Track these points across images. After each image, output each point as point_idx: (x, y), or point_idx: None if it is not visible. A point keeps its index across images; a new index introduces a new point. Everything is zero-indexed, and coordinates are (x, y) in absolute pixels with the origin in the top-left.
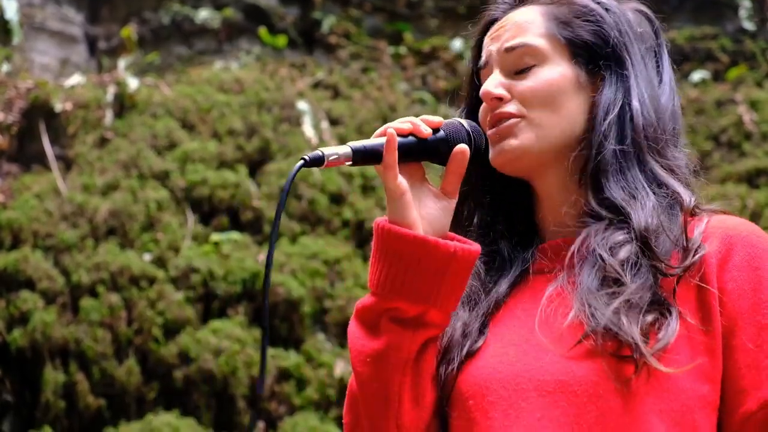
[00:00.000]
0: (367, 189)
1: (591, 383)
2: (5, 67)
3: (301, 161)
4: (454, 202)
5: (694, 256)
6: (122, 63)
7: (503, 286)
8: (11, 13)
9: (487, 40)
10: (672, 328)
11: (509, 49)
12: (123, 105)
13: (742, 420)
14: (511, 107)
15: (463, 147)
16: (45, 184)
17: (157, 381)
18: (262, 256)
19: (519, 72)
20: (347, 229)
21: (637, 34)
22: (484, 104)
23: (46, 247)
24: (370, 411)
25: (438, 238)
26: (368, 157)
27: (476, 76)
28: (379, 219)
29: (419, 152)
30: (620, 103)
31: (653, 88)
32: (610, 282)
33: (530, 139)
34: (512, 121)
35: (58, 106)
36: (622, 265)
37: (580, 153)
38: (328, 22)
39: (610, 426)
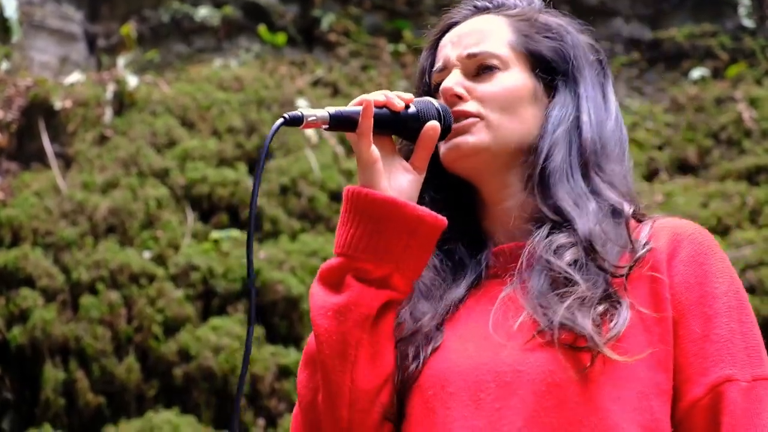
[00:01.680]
0: None
1: (548, 372)
2: (5, 65)
3: (281, 119)
4: (421, 178)
5: (641, 250)
6: (122, 61)
7: (461, 288)
8: (11, 11)
9: (446, 43)
10: (623, 317)
11: (471, 56)
12: (122, 103)
13: (689, 407)
14: (470, 106)
15: (434, 123)
16: (45, 182)
17: (157, 378)
18: (262, 254)
19: (479, 75)
20: None
21: (589, 60)
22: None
23: (45, 245)
24: (326, 365)
25: (407, 202)
26: (344, 122)
27: (428, 77)
28: (349, 186)
29: (391, 125)
30: (571, 117)
31: (600, 113)
32: (560, 284)
33: (486, 140)
34: (470, 120)
35: (58, 104)
36: (570, 266)
37: (529, 160)
38: (328, 20)
39: (568, 414)
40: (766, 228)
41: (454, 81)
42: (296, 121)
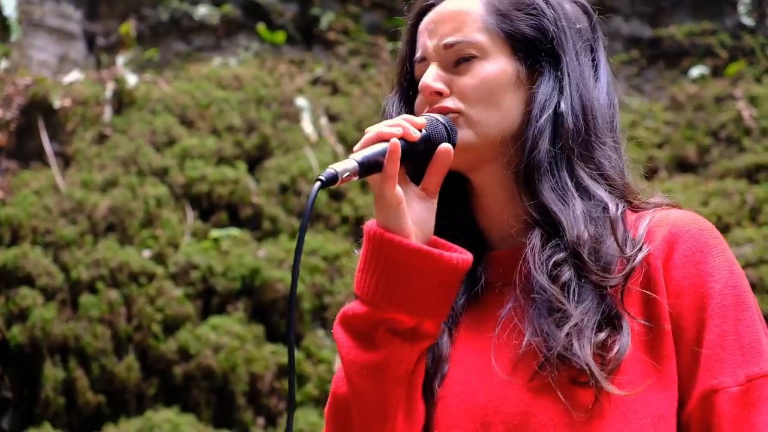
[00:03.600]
0: (366, 185)
1: (557, 412)
2: (4, 64)
3: (318, 182)
4: (435, 202)
5: (633, 261)
6: (121, 59)
7: (461, 299)
8: (10, 9)
9: (422, 29)
10: (624, 345)
11: (448, 46)
12: (122, 101)
13: (686, 421)
14: (449, 102)
15: (447, 146)
16: (44, 181)
17: (156, 377)
18: (262, 252)
19: (458, 65)
20: (346, 226)
21: (575, 30)
22: (420, 96)
23: (45, 244)
24: (363, 421)
25: (441, 251)
26: (371, 168)
27: (409, 64)
28: (371, 223)
29: (408, 155)
30: (555, 101)
31: (588, 89)
32: (557, 308)
33: (468, 136)
34: (450, 116)
35: (57, 103)
36: (564, 289)
37: (516, 150)
38: (327, 19)
39: None
40: (765, 226)
41: (432, 77)
42: (332, 181)
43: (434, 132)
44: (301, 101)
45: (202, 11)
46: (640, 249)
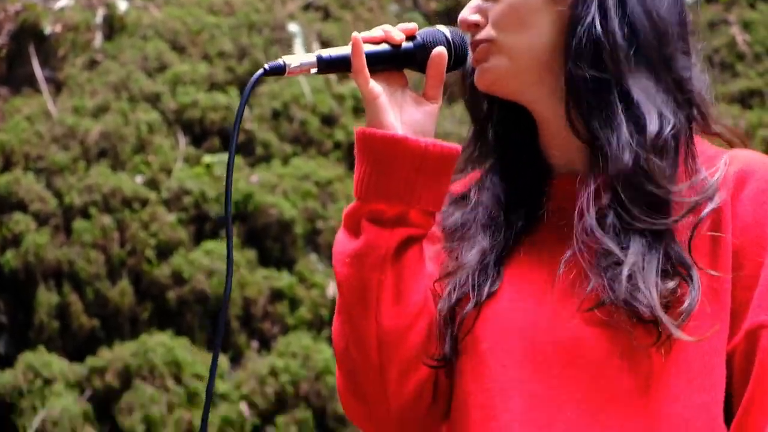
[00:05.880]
0: (359, 111)
1: (613, 342)
2: None
3: (261, 70)
4: (436, 107)
5: (709, 203)
6: None
7: (521, 220)
8: None
9: None
10: (694, 299)
11: None
12: (112, 27)
13: (729, 355)
14: (484, 33)
15: (439, 50)
16: (35, 107)
17: (150, 302)
18: (254, 178)
19: None
20: (339, 151)
21: None
22: None
23: (37, 170)
24: (351, 312)
25: (407, 135)
26: (336, 64)
27: None
28: (359, 126)
29: (394, 59)
30: (591, 16)
31: None
32: (608, 251)
33: (501, 63)
34: (483, 46)
35: (48, 29)
36: (610, 231)
37: (558, 73)
38: None
39: (629, 386)
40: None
41: (469, 9)
42: (278, 71)
43: (429, 39)
44: (293, 27)
45: None
46: (714, 194)
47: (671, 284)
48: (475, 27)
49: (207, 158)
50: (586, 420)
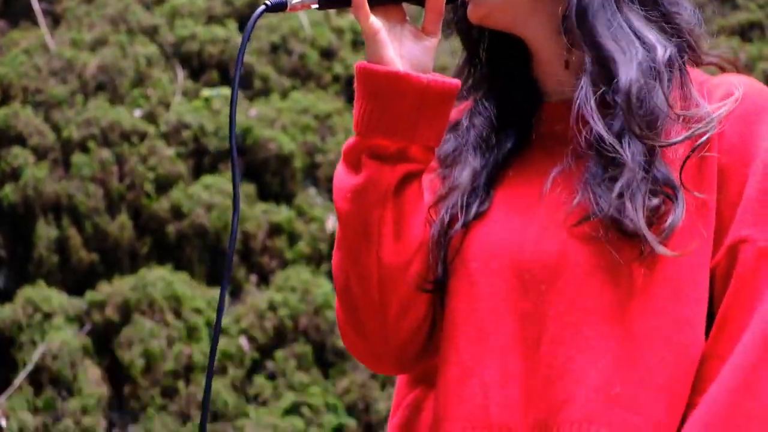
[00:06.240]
0: (357, 44)
1: (597, 255)
2: None
3: (263, 6)
4: (435, 41)
5: (707, 129)
6: None
7: (511, 141)
8: None
9: None
10: (677, 216)
11: None
12: None
13: (711, 272)
14: None
15: None
16: (33, 40)
17: (149, 236)
18: (253, 111)
19: None
20: (338, 84)
21: None
22: None
23: (36, 103)
24: (352, 247)
25: (409, 71)
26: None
27: None
28: (359, 61)
29: None
30: None
31: None
32: (611, 164)
33: None
34: None
35: None
36: (619, 138)
37: (551, 2)
38: None
39: (615, 295)
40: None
41: None
42: (279, 7)
43: None
44: None
45: None
46: (711, 123)
47: (656, 201)
48: None
49: (205, 92)
50: (569, 333)
